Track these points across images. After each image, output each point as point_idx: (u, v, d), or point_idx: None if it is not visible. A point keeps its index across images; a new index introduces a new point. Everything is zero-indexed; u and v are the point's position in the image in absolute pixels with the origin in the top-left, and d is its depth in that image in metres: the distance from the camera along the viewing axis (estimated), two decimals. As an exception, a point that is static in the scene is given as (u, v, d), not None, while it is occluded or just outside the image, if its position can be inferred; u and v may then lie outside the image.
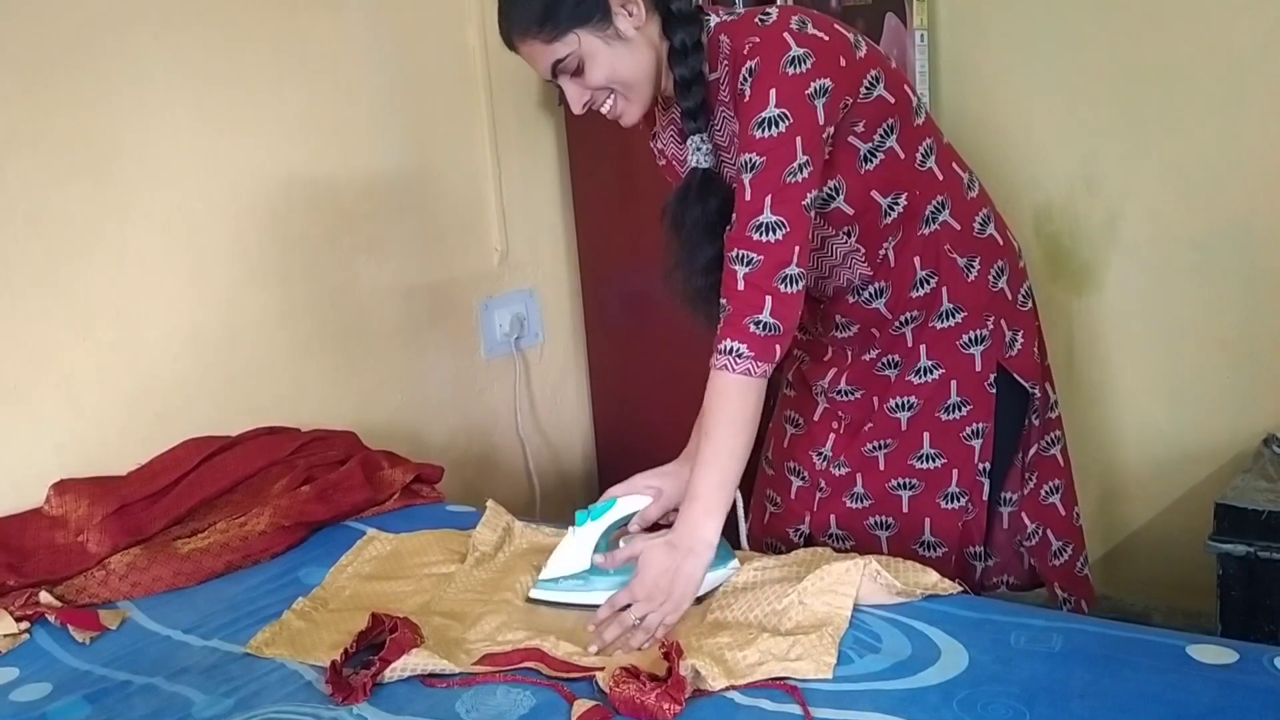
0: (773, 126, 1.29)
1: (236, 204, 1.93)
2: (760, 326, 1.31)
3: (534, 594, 1.37)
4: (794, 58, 1.29)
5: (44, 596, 1.49)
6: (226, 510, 1.69)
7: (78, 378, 1.73)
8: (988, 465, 1.55)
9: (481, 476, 2.35)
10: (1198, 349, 2.27)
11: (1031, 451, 1.61)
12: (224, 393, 1.91)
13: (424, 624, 1.31)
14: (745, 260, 1.31)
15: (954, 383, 1.51)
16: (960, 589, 1.36)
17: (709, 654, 1.20)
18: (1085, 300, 2.39)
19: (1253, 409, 2.21)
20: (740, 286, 1.31)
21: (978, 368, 1.52)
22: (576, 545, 1.36)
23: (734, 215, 1.34)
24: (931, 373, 1.51)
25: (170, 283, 1.85)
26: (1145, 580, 2.41)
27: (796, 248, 1.31)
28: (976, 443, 1.53)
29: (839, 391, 1.59)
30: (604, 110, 1.39)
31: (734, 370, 1.31)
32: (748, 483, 1.74)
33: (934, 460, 1.53)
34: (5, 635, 1.42)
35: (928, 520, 1.55)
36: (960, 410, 1.52)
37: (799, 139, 1.30)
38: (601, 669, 1.20)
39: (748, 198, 1.31)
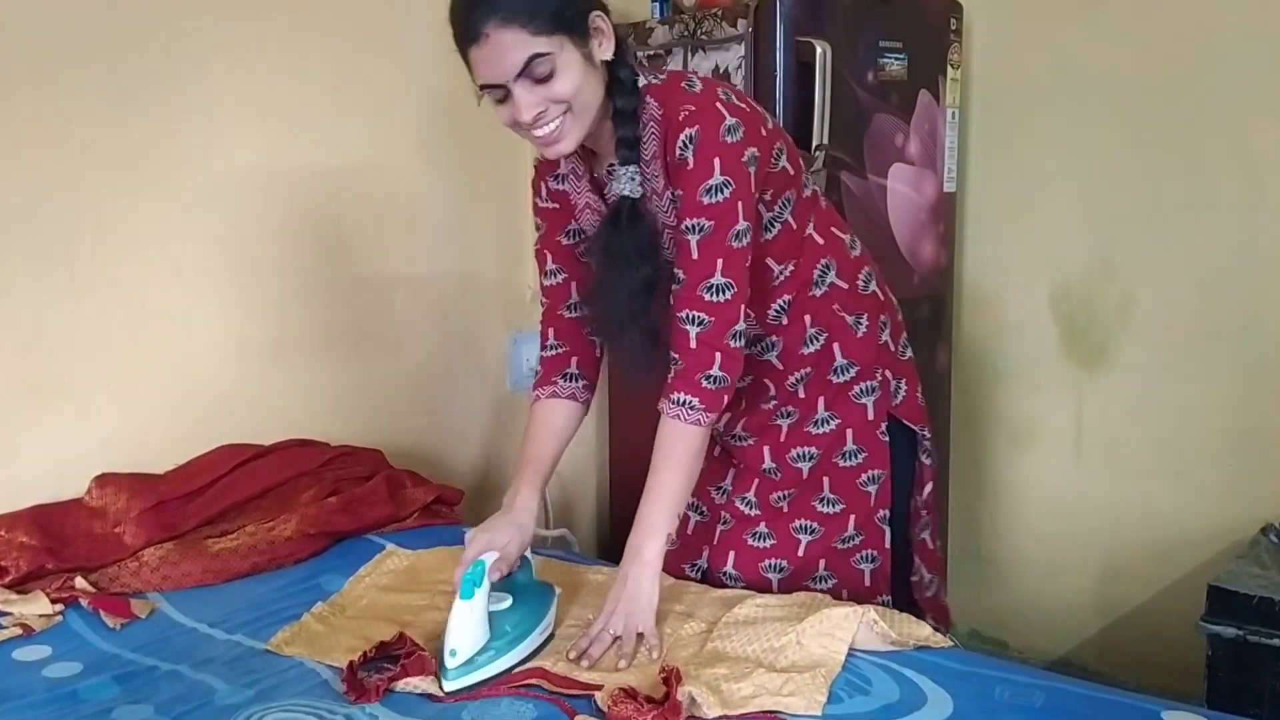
0: (718, 193, 1.36)
1: (289, 226, 2.02)
2: (710, 380, 1.41)
3: (450, 685, 1.28)
4: (729, 127, 1.36)
5: (79, 582, 1.57)
6: (256, 515, 1.77)
7: (127, 378, 1.82)
8: (887, 513, 1.64)
9: (497, 504, 2.41)
10: (1202, 435, 2.32)
11: (927, 490, 1.70)
12: (262, 403, 2.00)
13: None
14: (697, 320, 1.39)
15: (850, 431, 1.60)
16: (952, 643, 1.42)
17: (705, 683, 1.26)
18: (1095, 378, 2.46)
19: (1253, 498, 2.25)
20: (692, 345, 1.40)
21: (870, 417, 1.61)
22: (474, 617, 1.31)
23: (680, 272, 1.40)
24: (829, 423, 1.60)
25: (221, 296, 1.94)
26: (1137, 659, 2.44)
27: (741, 306, 1.41)
28: (872, 489, 1.62)
29: (734, 436, 1.65)
30: (548, 128, 1.34)
31: (685, 420, 1.41)
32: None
33: (833, 505, 1.61)
34: (40, 615, 1.50)
35: (822, 561, 1.62)
36: (857, 458, 1.61)
37: (740, 204, 1.38)
38: (600, 687, 1.26)
39: (695, 258, 1.38)
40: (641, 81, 1.41)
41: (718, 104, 1.37)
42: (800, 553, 1.60)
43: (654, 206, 1.43)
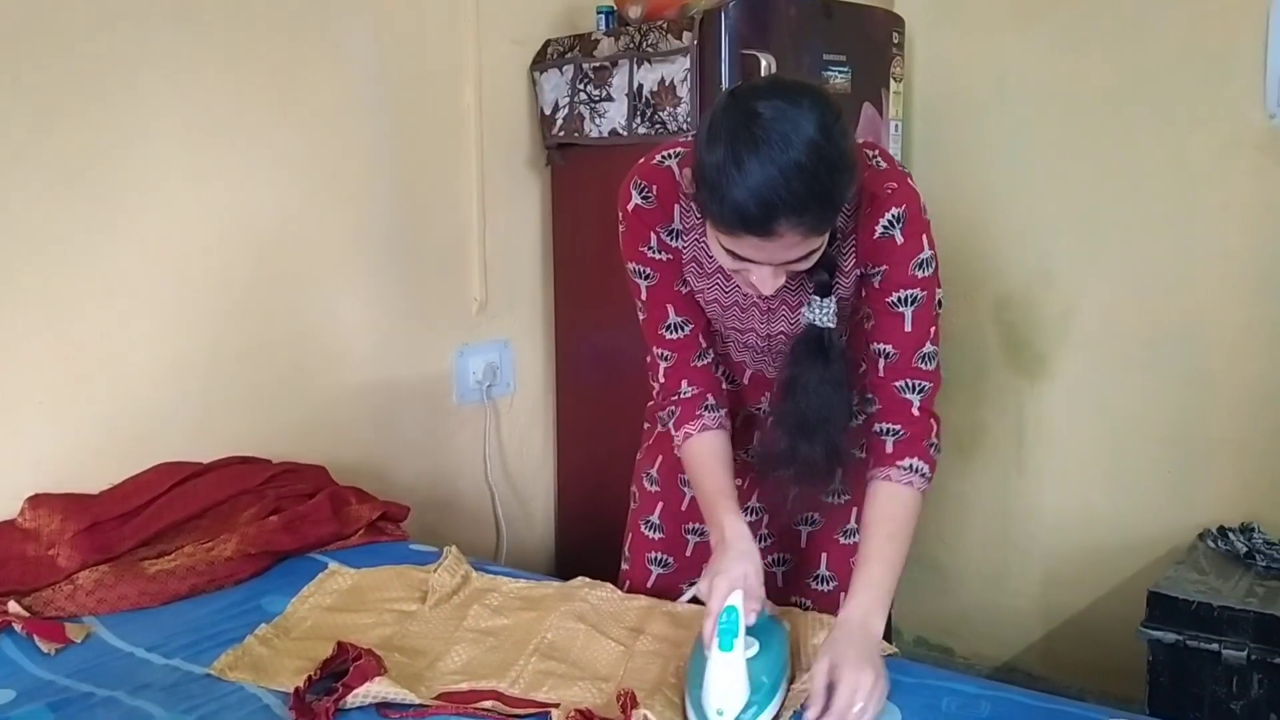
0: (927, 267, 1.37)
1: (226, 239, 1.99)
2: (934, 449, 1.41)
3: None
4: (924, 205, 1.38)
5: (12, 606, 1.52)
6: (194, 535, 1.73)
7: (60, 396, 1.78)
8: None
9: (444, 519, 2.40)
10: (1141, 442, 2.37)
11: None
12: (200, 421, 1.96)
13: (386, 658, 1.35)
14: (917, 389, 1.40)
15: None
16: (893, 650, 1.42)
17: (663, 706, 1.25)
18: (1037, 387, 2.49)
19: (1190, 503, 2.30)
20: (915, 412, 1.40)
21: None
22: (734, 670, 1.21)
23: (887, 346, 1.38)
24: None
25: (157, 311, 1.90)
26: (1080, 664, 2.47)
27: (942, 372, 1.42)
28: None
29: (746, 451, 1.64)
30: (766, 292, 1.30)
31: (916, 487, 1.39)
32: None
33: (839, 496, 1.62)
34: (-30, 642, 1.45)
35: (824, 555, 1.64)
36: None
37: (938, 274, 1.40)
38: (557, 705, 1.25)
39: (909, 330, 1.38)
40: None
41: (909, 180, 1.38)
42: (802, 544, 1.61)
43: (837, 282, 1.41)
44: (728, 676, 1.21)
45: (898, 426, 1.40)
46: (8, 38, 1.68)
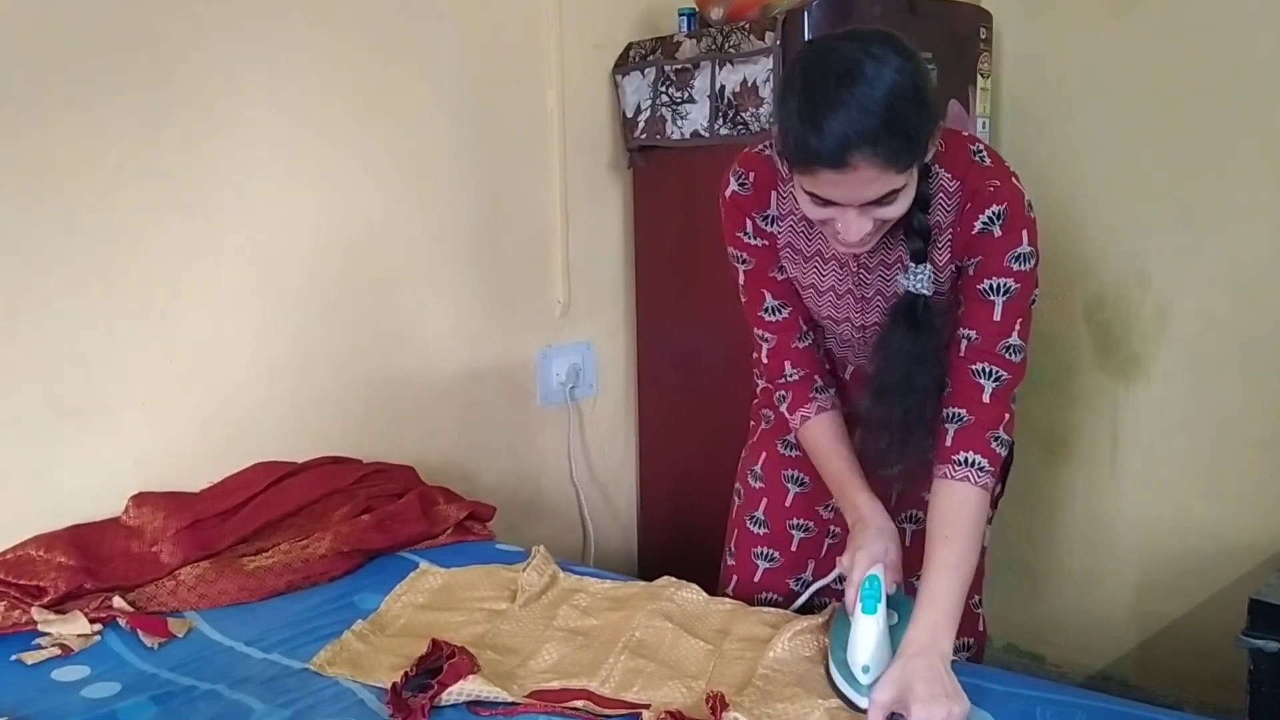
0: (1025, 261, 1.35)
1: (318, 244, 2.03)
2: (999, 443, 1.37)
3: (860, 698, 1.23)
4: (1029, 202, 1.37)
5: (117, 601, 1.58)
6: (290, 532, 1.77)
7: (161, 398, 1.83)
8: (992, 513, 1.62)
9: (528, 519, 2.42)
10: (1240, 445, 2.30)
11: (995, 490, 1.66)
12: (293, 422, 2.00)
13: (478, 655, 1.37)
14: (993, 375, 1.36)
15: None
16: (962, 657, 1.42)
17: (749, 711, 1.25)
18: (1132, 389, 2.43)
19: (1293, 509, 2.23)
20: (986, 399, 1.36)
21: None
22: (879, 632, 1.28)
23: (972, 331, 1.37)
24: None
25: (253, 315, 1.95)
26: (1178, 673, 2.41)
27: (1026, 369, 1.40)
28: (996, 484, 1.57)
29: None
30: (865, 242, 1.30)
31: (975, 483, 1.35)
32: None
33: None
34: (79, 635, 1.51)
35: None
36: None
37: (1038, 275, 1.38)
38: (648, 706, 1.25)
39: (997, 319, 1.35)
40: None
41: (1013, 179, 1.37)
42: (906, 542, 1.56)
43: (931, 259, 1.40)
44: (872, 637, 1.28)
45: (963, 412, 1.37)
46: (113, 51, 1.74)
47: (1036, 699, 1.29)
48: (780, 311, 1.53)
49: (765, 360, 1.56)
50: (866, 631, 1.29)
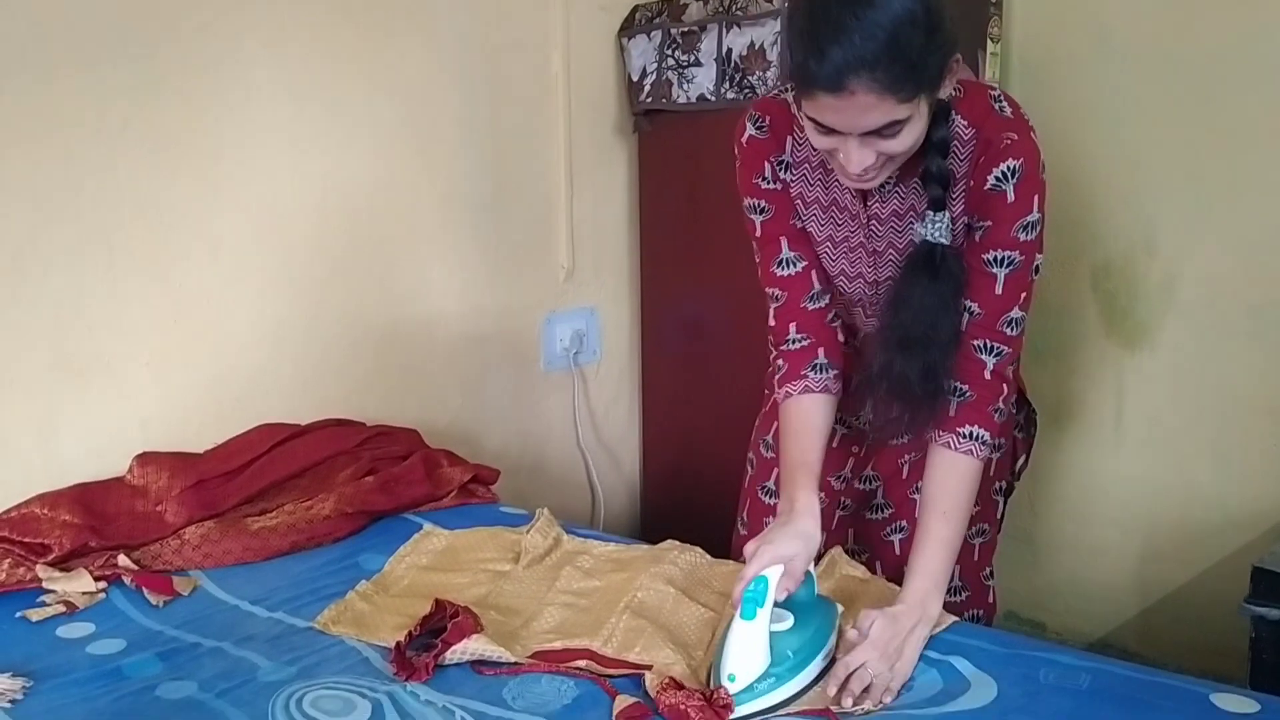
0: (1032, 230, 1.33)
1: (323, 207, 2.02)
2: (999, 414, 1.38)
3: (741, 713, 1.18)
4: (1042, 163, 1.33)
5: (122, 559, 1.58)
6: (294, 494, 1.78)
7: (166, 358, 1.83)
8: (1003, 485, 1.63)
9: (532, 483, 2.43)
10: (1247, 414, 2.29)
11: (1020, 462, 1.69)
12: (297, 383, 2.00)
13: (481, 616, 1.37)
14: (994, 351, 1.36)
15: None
16: (949, 623, 1.38)
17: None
18: (1137, 358, 2.42)
19: (1298, 478, 2.22)
20: (987, 375, 1.36)
21: None
22: (755, 640, 1.20)
23: (974, 304, 1.36)
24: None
25: (258, 276, 1.94)
26: (1177, 641, 2.41)
27: (1024, 340, 1.40)
28: (994, 455, 1.55)
29: (858, 417, 1.63)
30: (868, 179, 1.28)
31: (976, 456, 1.36)
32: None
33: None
34: (83, 593, 1.51)
35: None
36: None
37: (1042, 240, 1.36)
38: (650, 667, 1.26)
39: (999, 292, 1.34)
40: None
41: (1032, 134, 1.33)
42: (917, 513, 1.53)
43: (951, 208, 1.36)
44: (745, 644, 1.19)
45: (965, 388, 1.37)
46: (117, 11, 1.72)
47: (1040, 660, 1.29)
48: (794, 265, 1.47)
49: (772, 321, 1.51)
50: (740, 637, 1.20)
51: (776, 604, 1.24)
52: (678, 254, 2.51)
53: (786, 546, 1.28)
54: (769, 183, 1.44)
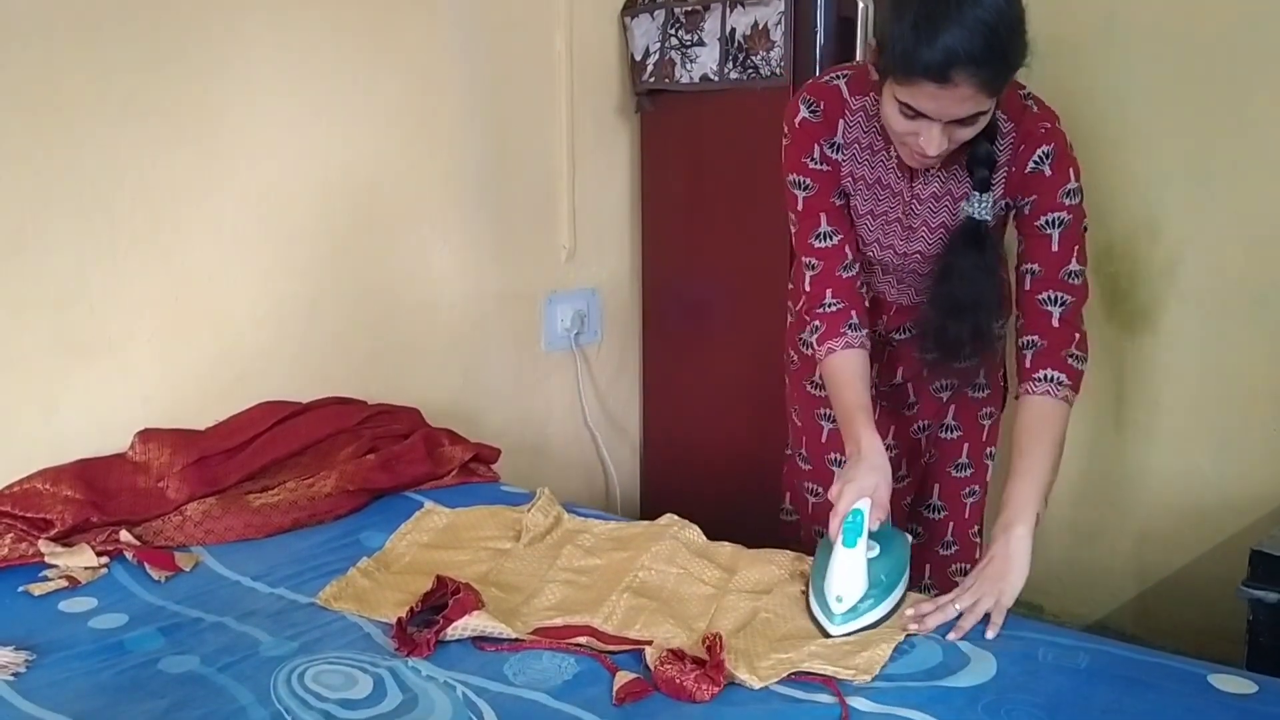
0: (1075, 196, 1.47)
1: (326, 185, 2.02)
2: (1074, 359, 1.47)
3: (838, 629, 1.31)
4: (1070, 143, 1.47)
5: (124, 535, 1.59)
6: (296, 471, 1.78)
7: (168, 336, 1.83)
8: (993, 450, 1.79)
9: (532, 463, 2.43)
10: (1247, 399, 2.29)
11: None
12: (299, 361, 2.00)
13: (483, 593, 1.38)
14: (1058, 301, 1.47)
15: (984, 369, 1.73)
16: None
17: (742, 653, 1.26)
18: (1138, 341, 2.42)
19: (1297, 462, 2.22)
20: (1055, 323, 1.46)
21: (996, 359, 1.74)
22: (857, 565, 1.34)
23: (1034, 265, 1.47)
24: (971, 357, 1.64)
25: (260, 254, 1.94)
26: (1174, 624, 2.42)
27: (1088, 290, 1.50)
28: (986, 423, 1.77)
29: (891, 385, 1.75)
30: (931, 151, 1.35)
31: (1055, 396, 1.45)
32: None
33: (953, 431, 1.77)
34: (86, 567, 1.52)
35: (936, 486, 1.80)
36: (983, 391, 1.75)
37: (1085, 207, 1.49)
38: (650, 643, 1.26)
39: (1055, 249, 1.46)
40: None
41: (1059, 122, 1.47)
42: (922, 475, 1.78)
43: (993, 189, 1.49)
44: (849, 569, 1.33)
45: (1036, 337, 1.47)
46: (118, -10, 1.71)
47: (1039, 641, 1.30)
48: (832, 238, 1.57)
49: (808, 288, 1.60)
50: (844, 563, 1.33)
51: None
52: (679, 234, 2.51)
53: (867, 480, 1.41)
54: (816, 163, 1.54)
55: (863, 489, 1.40)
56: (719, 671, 1.19)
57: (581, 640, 1.29)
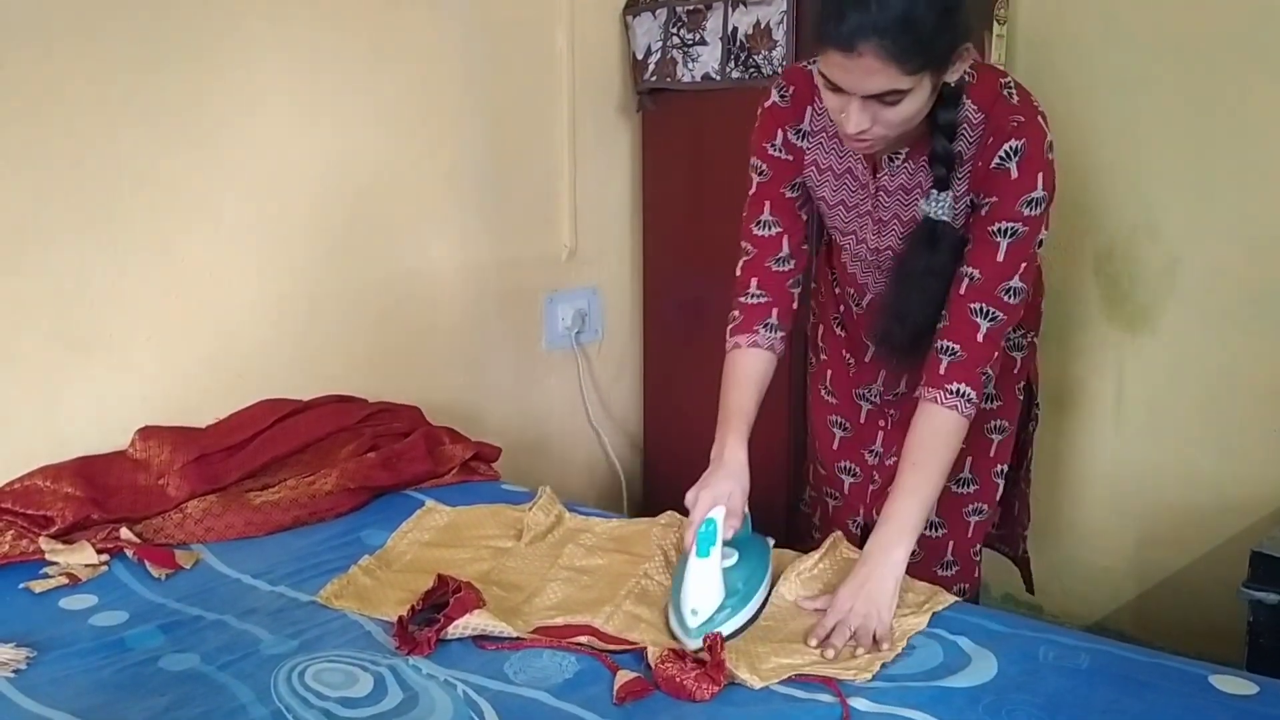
0: (1037, 206, 1.38)
1: (326, 182, 2.02)
2: (986, 377, 1.43)
3: (695, 642, 1.27)
4: (1050, 143, 1.38)
5: (124, 533, 1.59)
6: (296, 469, 1.78)
7: (168, 333, 1.83)
8: (1004, 468, 1.68)
9: (533, 462, 2.43)
10: (1247, 400, 2.29)
11: (1031, 452, 1.77)
12: (299, 359, 2.00)
13: (484, 591, 1.38)
14: (990, 315, 1.40)
15: (993, 380, 1.61)
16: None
17: (743, 653, 1.26)
18: (1138, 342, 2.42)
19: (1296, 464, 2.23)
20: (980, 338, 1.41)
21: (1015, 370, 1.65)
22: (711, 575, 1.32)
23: (975, 270, 1.40)
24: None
25: (260, 251, 1.94)
26: (1174, 625, 2.42)
27: (1021, 311, 1.45)
28: (996, 438, 1.67)
29: (895, 394, 1.69)
30: (864, 141, 1.33)
31: (961, 412, 1.41)
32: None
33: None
34: (86, 565, 1.51)
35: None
36: (992, 402, 1.64)
37: (1049, 216, 1.41)
38: (651, 643, 1.26)
39: (1001, 260, 1.38)
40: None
41: (1039, 118, 1.37)
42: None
43: (954, 188, 1.42)
44: (703, 580, 1.31)
45: (957, 347, 1.41)
46: (118, -19, 1.71)
47: (1039, 640, 1.30)
48: (771, 228, 1.54)
49: (738, 273, 1.58)
50: (698, 574, 1.31)
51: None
52: (680, 234, 2.51)
53: (721, 486, 1.42)
54: (777, 150, 1.52)
55: (716, 497, 1.39)
56: (720, 671, 1.19)
57: (582, 639, 1.29)
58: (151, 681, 1.22)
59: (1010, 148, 1.35)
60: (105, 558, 1.54)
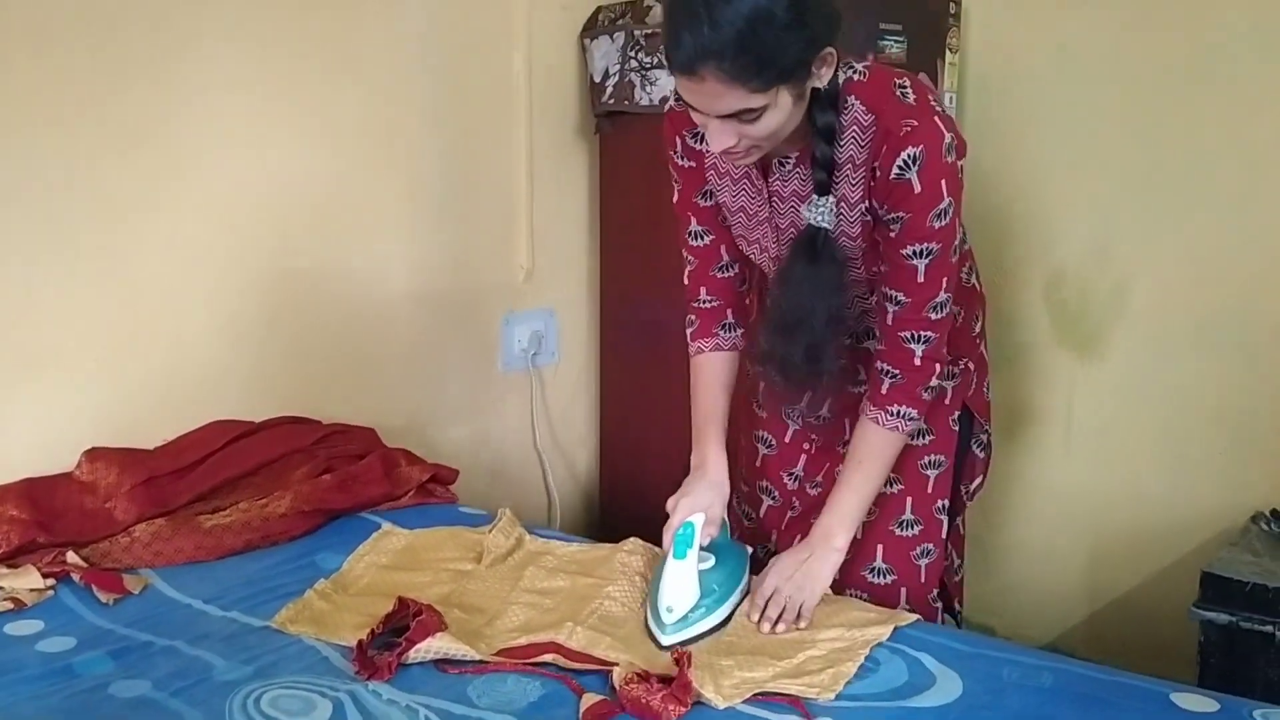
0: (944, 217, 1.35)
1: (281, 202, 1.99)
2: (929, 391, 1.46)
3: (669, 640, 1.32)
4: (948, 145, 1.33)
5: (70, 556, 1.54)
6: (249, 491, 1.74)
7: (117, 352, 1.78)
8: (945, 503, 1.62)
9: (489, 484, 2.40)
10: (1195, 422, 2.33)
11: (975, 482, 1.72)
12: (252, 380, 1.96)
13: (445, 614, 1.35)
14: (922, 339, 1.42)
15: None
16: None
17: (709, 669, 1.25)
18: (1088, 366, 2.46)
19: (1244, 485, 2.26)
20: (917, 361, 1.43)
21: (946, 401, 1.60)
22: (687, 576, 1.38)
23: (898, 294, 1.40)
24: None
25: (212, 271, 1.90)
26: (1125, 645, 2.45)
27: (951, 320, 1.46)
28: (932, 473, 1.61)
29: (818, 417, 1.66)
30: (736, 154, 1.30)
31: (902, 431, 1.46)
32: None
33: (892, 484, 1.58)
34: (32, 590, 1.47)
35: (880, 547, 1.61)
36: (924, 438, 1.59)
37: (958, 220, 1.39)
38: (617, 664, 1.25)
39: (922, 280, 1.38)
40: (841, 78, 1.33)
41: (935, 118, 1.33)
42: (858, 535, 1.54)
43: (840, 212, 1.38)
44: (679, 580, 1.37)
45: (897, 371, 1.44)
46: (74, 1, 1.68)
47: (1002, 660, 1.31)
48: (703, 238, 1.56)
49: (686, 282, 1.60)
50: (674, 574, 1.37)
51: (700, 548, 1.42)
52: (637, 256, 2.51)
53: (702, 496, 1.47)
54: (680, 158, 1.53)
55: (696, 505, 1.44)
56: (686, 692, 1.18)
57: (547, 658, 1.27)
58: (101, 709, 1.18)
59: (908, 156, 1.31)
60: (51, 582, 1.49)
